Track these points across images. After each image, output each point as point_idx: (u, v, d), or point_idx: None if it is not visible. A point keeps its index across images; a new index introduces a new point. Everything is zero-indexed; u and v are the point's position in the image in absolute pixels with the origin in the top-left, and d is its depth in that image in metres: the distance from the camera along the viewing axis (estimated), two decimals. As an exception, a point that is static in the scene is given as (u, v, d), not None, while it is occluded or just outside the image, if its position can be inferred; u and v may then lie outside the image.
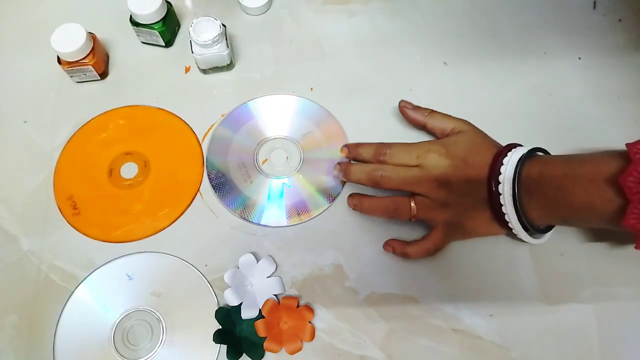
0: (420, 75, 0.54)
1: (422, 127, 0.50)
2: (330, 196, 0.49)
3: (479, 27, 0.57)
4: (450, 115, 0.48)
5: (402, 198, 0.45)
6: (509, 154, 0.42)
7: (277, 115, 0.53)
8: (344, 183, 0.49)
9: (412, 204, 0.44)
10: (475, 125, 0.47)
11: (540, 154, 0.43)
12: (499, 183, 0.41)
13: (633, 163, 0.35)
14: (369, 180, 0.46)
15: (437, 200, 0.43)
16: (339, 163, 0.49)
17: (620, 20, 0.57)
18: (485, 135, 0.46)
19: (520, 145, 0.43)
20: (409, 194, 0.45)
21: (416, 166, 0.44)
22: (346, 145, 0.49)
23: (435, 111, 0.49)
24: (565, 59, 0.55)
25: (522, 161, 0.41)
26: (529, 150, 0.42)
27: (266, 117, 0.52)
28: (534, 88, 0.54)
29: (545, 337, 0.44)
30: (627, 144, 0.37)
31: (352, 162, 0.49)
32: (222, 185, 0.49)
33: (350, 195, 0.48)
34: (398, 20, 0.58)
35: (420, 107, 0.50)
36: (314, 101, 0.53)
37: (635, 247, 0.36)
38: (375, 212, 0.47)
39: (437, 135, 0.48)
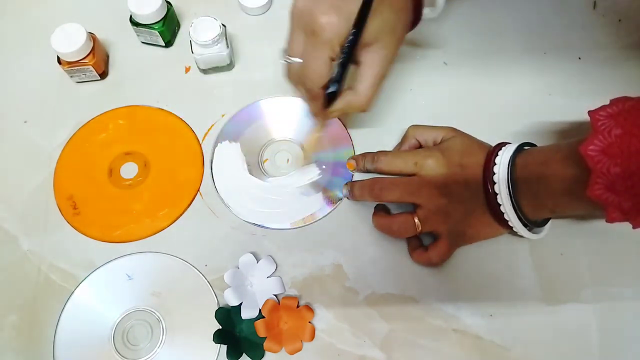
0: (420, 75, 0.54)
1: (418, 147, 0.49)
2: (333, 200, 0.49)
3: (479, 27, 0.57)
4: (434, 126, 0.47)
5: (406, 217, 0.44)
6: (500, 152, 0.42)
7: (284, 117, 0.53)
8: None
9: (416, 220, 0.44)
10: (475, 125, 0.47)
11: (527, 148, 0.43)
12: (495, 183, 0.41)
13: (594, 131, 0.34)
14: (371, 196, 0.46)
15: (439, 210, 0.43)
16: (345, 184, 0.48)
17: (620, 20, 0.57)
18: (473, 137, 0.46)
19: (509, 143, 0.43)
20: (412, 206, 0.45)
21: (414, 174, 0.44)
22: (353, 158, 0.49)
23: (417, 125, 0.48)
24: (565, 59, 0.55)
25: (513, 158, 0.41)
26: (517, 146, 0.42)
27: (273, 119, 0.53)
28: (534, 88, 0.54)
29: (545, 337, 0.44)
30: (589, 111, 0.35)
31: (356, 181, 0.48)
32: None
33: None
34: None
35: (403, 137, 0.49)
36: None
37: (606, 220, 0.34)
38: (384, 231, 0.46)
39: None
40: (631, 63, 0.55)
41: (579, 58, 0.55)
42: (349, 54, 0.37)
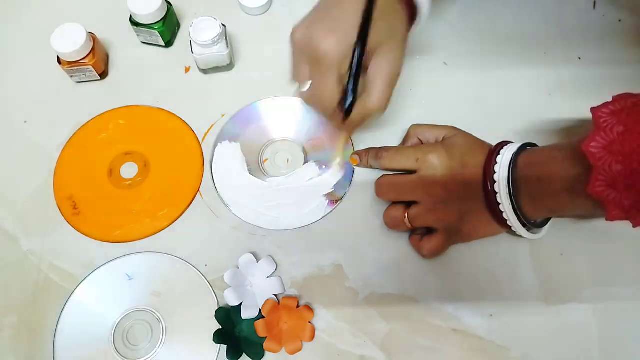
0: (420, 75, 0.54)
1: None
2: (335, 199, 0.49)
3: (479, 27, 0.57)
4: (435, 125, 0.47)
5: (398, 210, 0.45)
6: (502, 152, 0.42)
7: (284, 117, 0.53)
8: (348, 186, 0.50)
9: (406, 219, 0.44)
10: (475, 125, 0.47)
11: (529, 148, 0.43)
12: (495, 182, 0.41)
13: (596, 128, 0.34)
14: (376, 194, 0.47)
15: (435, 207, 0.43)
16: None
17: (620, 20, 0.57)
18: (474, 136, 0.46)
19: (511, 142, 0.43)
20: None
21: (415, 171, 0.44)
22: (356, 153, 0.49)
23: (419, 124, 0.48)
24: (565, 59, 0.55)
25: (514, 158, 0.41)
26: (520, 146, 0.42)
27: (273, 119, 0.53)
28: (534, 88, 0.54)
29: (545, 337, 0.44)
30: (591, 108, 0.35)
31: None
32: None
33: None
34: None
35: (405, 136, 0.49)
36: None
37: (606, 219, 0.34)
38: (385, 221, 0.47)
39: None
40: (631, 63, 0.54)
41: (579, 58, 0.55)
42: (358, 67, 0.38)
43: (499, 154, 0.42)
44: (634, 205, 0.33)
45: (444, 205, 0.43)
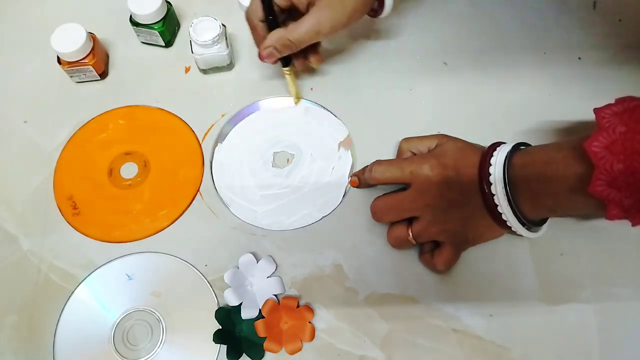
0: (420, 75, 0.54)
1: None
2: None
3: (479, 27, 0.57)
4: (425, 135, 0.47)
5: (401, 230, 0.45)
6: (495, 153, 0.42)
7: (284, 117, 0.53)
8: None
9: (410, 236, 0.44)
10: (475, 125, 0.47)
11: (523, 147, 0.43)
12: (491, 184, 0.41)
13: (599, 128, 0.34)
14: (374, 218, 0.46)
15: (436, 219, 0.43)
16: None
17: (620, 20, 0.57)
18: (465, 140, 0.45)
19: (504, 143, 0.43)
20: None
21: (409, 183, 0.44)
22: (354, 174, 0.49)
23: (409, 137, 0.48)
24: (565, 59, 0.55)
25: (508, 158, 0.41)
26: (513, 146, 0.42)
27: (273, 119, 0.53)
28: (534, 88, 0.54)
29: (545, 337, 0.44)
30: (594, 109, 0.36)
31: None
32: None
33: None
34: (398, 20, 0.58)
35: (398, 152, 0.49)
36: (320, 104, 0.53)
37: (606, 217, 0.35)
38: (389, 242, 0.47)
39: None
40: (631, 63, 0.55)
41: (579, 58, 0.55)
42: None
43: (492, 156, 0.41)
44: (633, 205, 0.33)
45: (445, 215, 0.42)
